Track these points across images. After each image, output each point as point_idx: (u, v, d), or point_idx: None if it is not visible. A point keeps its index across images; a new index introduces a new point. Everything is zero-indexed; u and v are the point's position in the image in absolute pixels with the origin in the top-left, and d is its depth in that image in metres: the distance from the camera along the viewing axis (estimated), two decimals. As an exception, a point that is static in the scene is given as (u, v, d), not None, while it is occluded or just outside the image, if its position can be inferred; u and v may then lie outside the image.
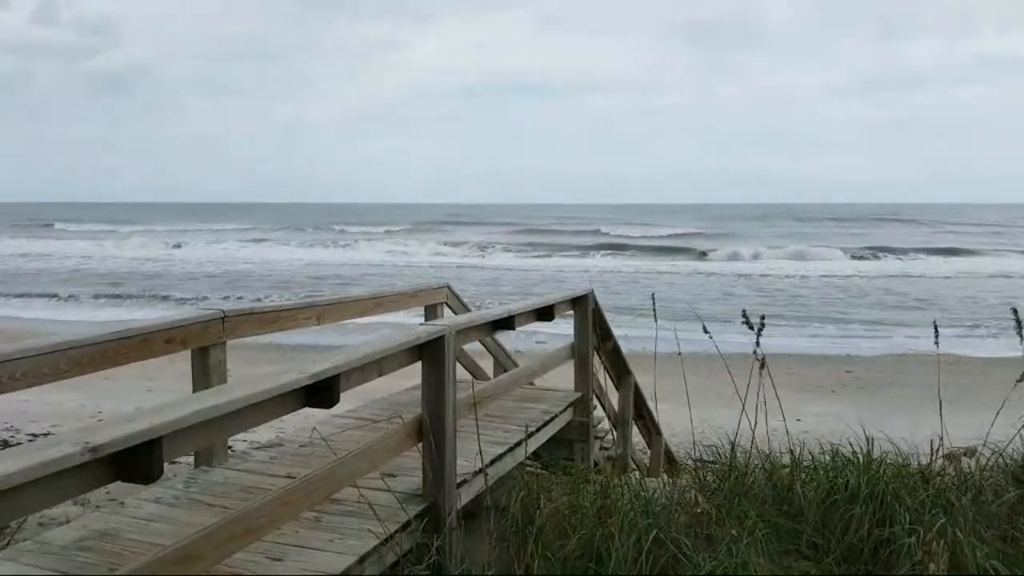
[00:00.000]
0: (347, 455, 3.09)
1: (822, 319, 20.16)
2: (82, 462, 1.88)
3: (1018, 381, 4.35)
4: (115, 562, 2.96)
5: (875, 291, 25.77)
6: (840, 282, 28.25)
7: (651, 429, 6.91)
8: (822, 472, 4.38)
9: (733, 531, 3.66)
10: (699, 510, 4.03)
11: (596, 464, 5.81)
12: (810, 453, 4.79)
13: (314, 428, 3.52)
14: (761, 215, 78.20)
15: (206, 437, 2.36)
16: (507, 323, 4.32)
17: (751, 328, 4.23)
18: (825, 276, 29.66)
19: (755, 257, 36.18)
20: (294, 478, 3.85)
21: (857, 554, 3.75)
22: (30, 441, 8.01)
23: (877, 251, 37.96)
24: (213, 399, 2.31)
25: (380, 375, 3.30)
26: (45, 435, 8.32)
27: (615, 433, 6.33)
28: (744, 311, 4.65)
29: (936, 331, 4.85)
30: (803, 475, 4.40)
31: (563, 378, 6.18)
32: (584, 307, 5.47)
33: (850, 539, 3.81)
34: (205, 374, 3.79)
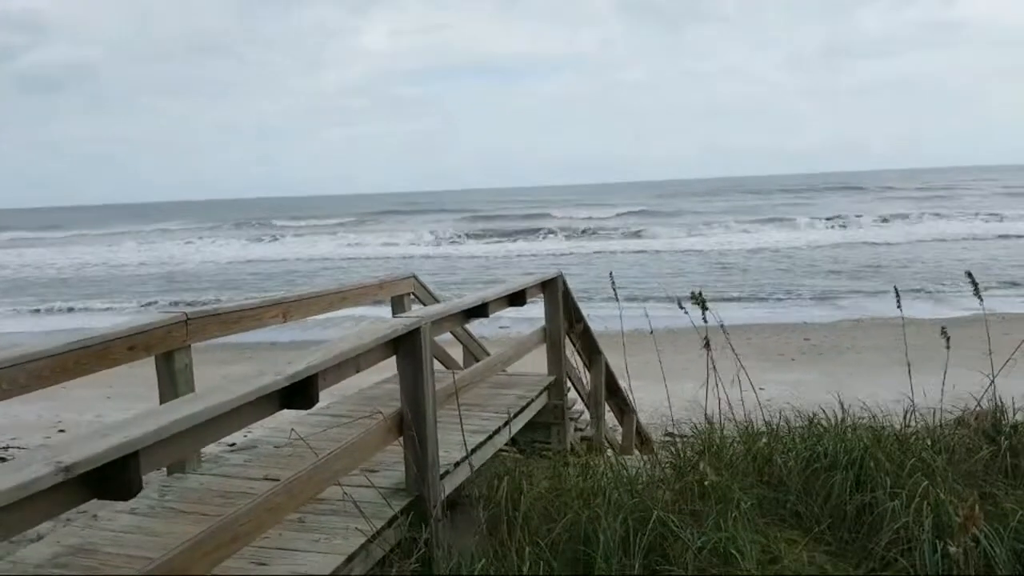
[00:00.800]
0: (329, 454, 3.00)
1: (774, 289, 20.46)
2: (55, 483, 1.77)
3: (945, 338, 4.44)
4: (94, 578, 2.85)
5: (824, 260, 26.26)
6: (789, 252, 28.73)
7: (623, 408, 6.92)
8: (799, 441, 4.41)
9: (718, 505, 3.66)
10: (679, 486, 4.03)
11: (572, 446, 5.78)
12: (786, 422, 4.84)
13: (292, 428, 3.42)
14: (714, 190, 79.01)
15: (183, 448, 2.26)
16: (480, 311, 4.25)
17: (699, 304, 4.23)
18: (775, 248, 30.10)
19: (701, 232, 36.62)
20: (273, 480, 3.76)
21: (840, 520, 3.78)
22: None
23: (827, 220, 38.62)
24: (188, 407, 2.21)
25: (357, 371, 3.21)
26: (5, 448, 8.05)
27: (588, 414, 6.32)
28: (698, 292, 4.65)
29: (897, 295, 4.92)
30: (781, 445, 4.44)
31: (531, 362, 6.15)
32: (554, 290, 5.42)
33: (832, 505, 3.85)
34: (171, 380, 3.65)
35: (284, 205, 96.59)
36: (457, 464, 3.94)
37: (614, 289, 4.82)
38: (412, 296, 5.84)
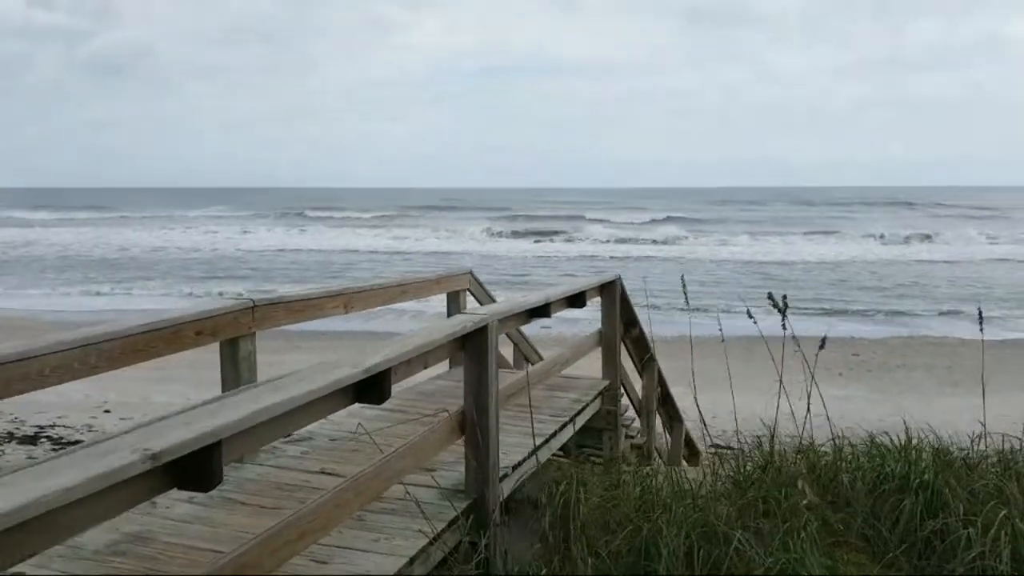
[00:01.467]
0: (394, 452, 2.94)
1: (819, 301, 20.08)
2: (143, 471, 1.72)
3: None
4: (152, 567, 2.82)
5: (871, 275, 25.73)
6: (835, 266, 28.19)
7: (672, 416, 6.80)
8: (865, 460, 4.27)
9: (785, 524, 3.54)
10: (742, 502, 3.91)
11: (622, 454, 5.68)
12: (847, 440, 4.68)
13: (359, 423, 3.36)
14: (759, 199, 77.96)
15: (262, 439, 2.21)
16: (543, 311, 4.18)
17: (777, 309, 4.09)
18: (819, 260, 29.57)
19: (746, 241, 36.12)
20: (331, 474, 3.74)
21: (910, 546, 3.64)
22: (36, 434, 7.84)
23: (876, 236, 37.87)
24: (269, 397, 2.16)
25: (425, 367, 3.15)
26: (52, 427, 8.15)
27: (639, 421, 6.22)
28: (770, 294, 4.53)
29: (980, 316, 4.71)
30: (845, 463, 4.29)
31: (582, 364, 6.06)
32: (612, 293, 5.33)
33: (902, 530, 3.71)
34: (235, 367, 3.63)
35: (330, 195, 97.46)
36: (515, 467, 3.87)
37: (685, 295, 4.69)
38: (468, 292, 5.79)
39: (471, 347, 3.36)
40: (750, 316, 4.25)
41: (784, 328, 4.11)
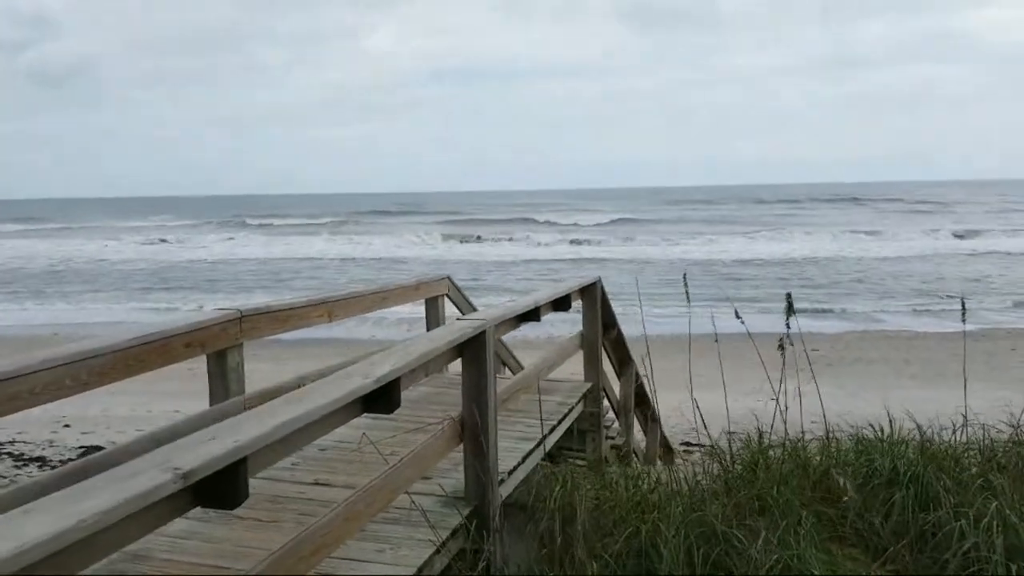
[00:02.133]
0: (400, 462, 2.89)
1: (772, 299, 20.41)
2: (174, 491, 1.66)
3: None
4: (154, 586, 2.73)
5: (820, 271, 26.26)
6: (785, 264, 28.70)
7: (648, 416, 6.83)
8: (853, 455, 4.33)
9: (783, 521, 3.57)
10: (735, 500, 3.94)
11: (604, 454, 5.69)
12: (833, 435, 4.75)
13: (363, 433, 3.30)
14: (713, 198, 78.98)
15: (280, 453, 2.14)
16: (534, 315, 4.16)
17: (788, 309, 4.14)
18: (770, 258, 30.05)
19: (691, 240, 36.63)
20: (324, 484, 3.67)
21: (904, 539, 3.70)
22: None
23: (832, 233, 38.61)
24: (289, 411, 2.10)
25: (426, 375, 3.11)
26: (11, 443, 7.88)
27: (618, 421, 6.23)
28: (789, 294, 4.59)
29: (963, 307, 4.82)
30: (833, 459, 4.35)
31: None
32: (593, 295, 5.33)
33: (894, 523, 3.76)
34: (223, 378, 3.54)
35: (276, 202, 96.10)
36: (511, 472, 3.84)
37: (686, 292, 4.71)
38: (446, 297, 5.74)
39: (469, 353, 3.33)
40: (738, 316, 4.29)
41: (788, 328, 4.14)
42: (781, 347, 4.55)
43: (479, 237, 40.63)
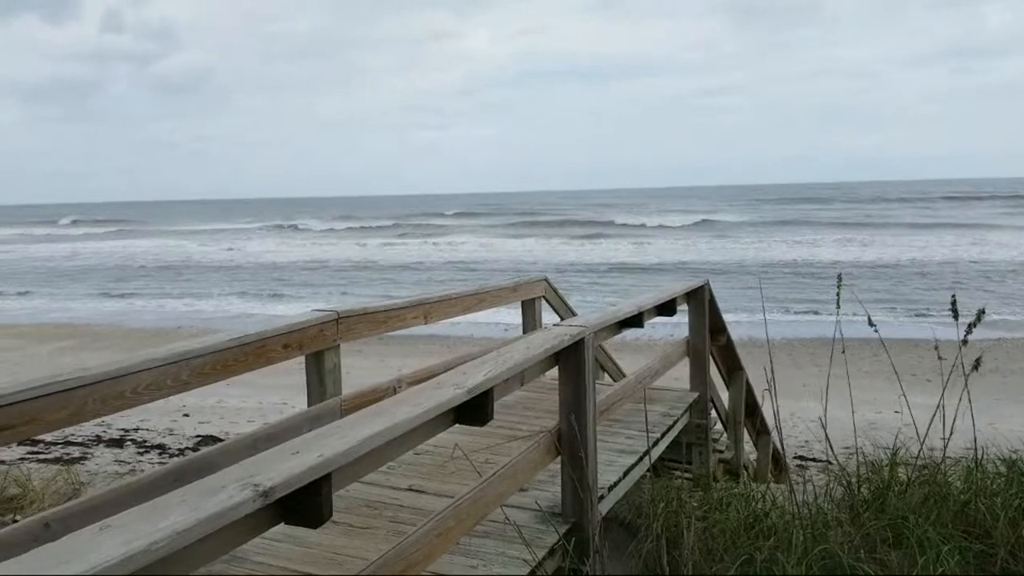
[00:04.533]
0: (494, 475, 2.77)
1: (891, 302, 19.28)
2: (253, 509, 1.59)
3: None
4: (246, 591, 2.71)
5: (923, 274, 24.69)
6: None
7: (759, 428, 6.51)
8: (1004, 485, 3.91)
9: (921, 557, 3.24)
10: (864, 530, 3.62)
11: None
12: (976, 458, 4.33)
13: (455, 444, 3.21)
14: (813, 196, 75.61)
15: (366, 468, 2.06)
16: (636, 320, 3.96)
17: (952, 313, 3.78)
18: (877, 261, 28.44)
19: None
20: (418, 491, 3.60)
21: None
22: (122, 437, 7.94)
23: (937, 229, 36.37)
24: (375, 424, 2.01)
25: (522, 384, 2.98)
26: (136, 430, 8.27)
27: (727, 434, 5.95)
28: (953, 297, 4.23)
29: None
30: (974, 486, 3.95)
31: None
32: (700, 299, 5.08)
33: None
34: (320, 380, 3.53)
35: (380, 204, 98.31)
36: (611, 487, 3.67)
37: (838, 294, 4.38)
38: (543, 299, 5.61)
39: (567, 361, 3.18)
40: (871, 324, 3.95)
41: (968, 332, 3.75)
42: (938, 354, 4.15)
43: (594, 236, 40.38)
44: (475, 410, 2.47)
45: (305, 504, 1.75)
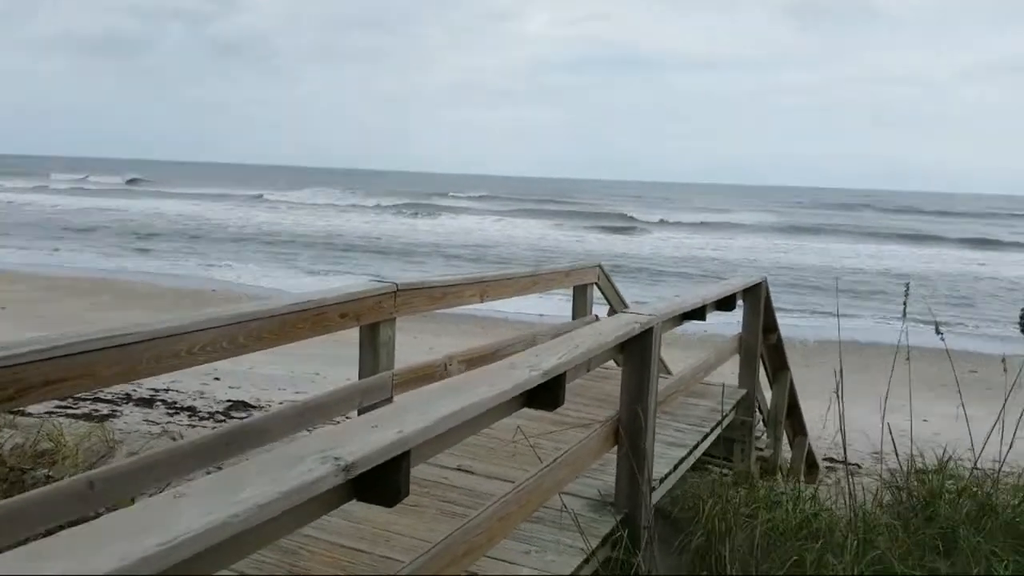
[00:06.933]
0: (554, 462, 2.68)
1: (922, 312, 18.81)
2: (334, 484, 1.50)
3: None
4: (294, 562, 2.65)
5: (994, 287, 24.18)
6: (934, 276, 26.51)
7: (796, 428, 6.38)
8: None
9: (975, 568, 3.13)
10: (917, 537, 3.51)
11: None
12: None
13: (518, 427, 3.11)
14: (866, 203, 73.82)
15: (440, 447, 1.97)
16: (699, 313, 3.85)
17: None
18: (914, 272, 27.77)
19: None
20: (467, 471, 3.52)
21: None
22: (152, 397, 7.95)
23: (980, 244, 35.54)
24: (452, 402, 1.92)
25: (588, 371, 2.88)
26: (166, 391, 8.27)
27: (767, 432, 5.82)
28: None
29: None
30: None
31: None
32: (757, 296, 4.95)
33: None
34: (374, 352, 3.44)
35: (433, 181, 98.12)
36: (663, 479, 3.57)
37: (904, 301, 4.24)
38: (595, 285, 5.50)
39: (632, 350, 3.07)
40: (938, 332, 3.79)
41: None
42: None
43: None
44: (547, 393, 2.37)
45: (383, 481, 1.67)
